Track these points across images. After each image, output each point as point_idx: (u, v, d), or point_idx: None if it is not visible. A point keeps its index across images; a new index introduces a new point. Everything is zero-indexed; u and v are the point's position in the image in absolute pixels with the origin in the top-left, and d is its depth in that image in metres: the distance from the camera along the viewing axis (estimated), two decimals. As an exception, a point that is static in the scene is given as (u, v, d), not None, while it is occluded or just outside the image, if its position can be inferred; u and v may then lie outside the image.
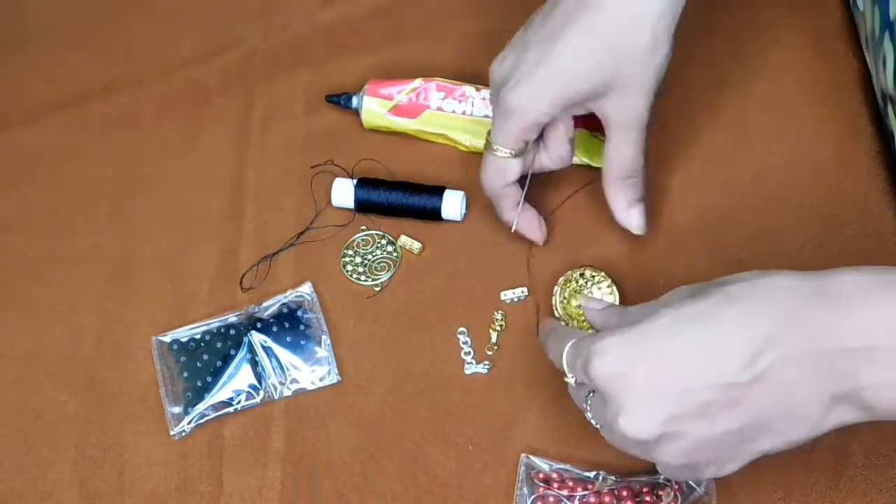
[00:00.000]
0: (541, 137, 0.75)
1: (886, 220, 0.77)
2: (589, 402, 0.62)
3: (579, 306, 0.74)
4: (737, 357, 0.56)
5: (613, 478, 0.68)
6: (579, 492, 0.68)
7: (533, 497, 0.69)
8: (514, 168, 0.74)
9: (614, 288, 0.75)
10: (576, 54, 0.70)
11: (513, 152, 0.73)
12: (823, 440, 0.61)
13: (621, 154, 0.73)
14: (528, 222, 0.77)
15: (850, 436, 0.68)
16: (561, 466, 0.69)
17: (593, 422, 0.62)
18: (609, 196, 0.75)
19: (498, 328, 0.76)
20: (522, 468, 0.69)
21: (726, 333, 0.57)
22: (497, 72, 0.73)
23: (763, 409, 0.56)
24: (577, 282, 0.76)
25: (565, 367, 0.63)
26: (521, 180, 0.75)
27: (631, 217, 0.75)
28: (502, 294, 0.77)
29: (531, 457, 0.70)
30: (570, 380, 0.63)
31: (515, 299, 0.77)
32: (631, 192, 0.75)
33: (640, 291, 0.76)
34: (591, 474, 0.69)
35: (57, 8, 0.98)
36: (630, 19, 0.68)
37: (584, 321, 0.74)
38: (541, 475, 0.69)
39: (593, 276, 0.76)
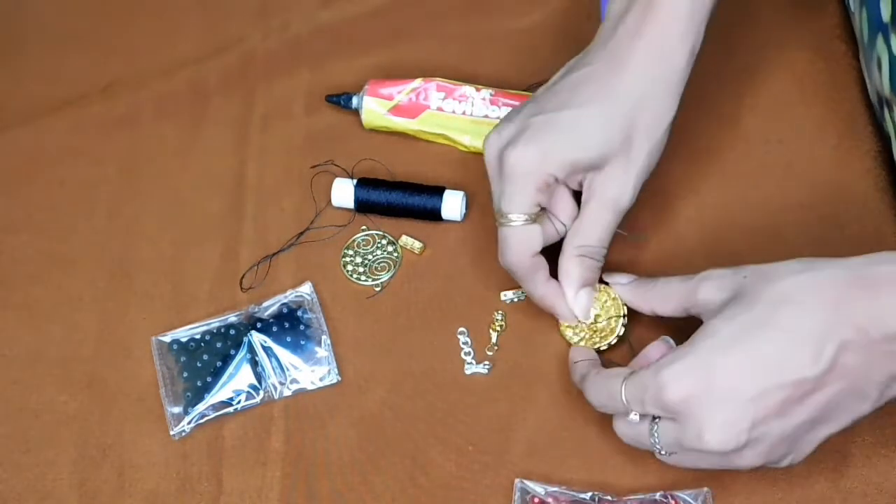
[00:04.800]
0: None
1: (886, 220, 0.77)
2: (656, 432, 0.63)
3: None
4: (805, 353, 0.59)
5: (609, 497, 0.67)
6: (575, 513, 0.67)
7: None
8: (537, 234, 0.71)
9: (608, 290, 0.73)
10: (589, 118, 0.69)
11: (530, 217, 0.70)
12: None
13: (591, 233, 0.71)
14: (555, 295, 0.72)
15: (850, 436, 0.68)
16: (555, 489, 0.68)
17: (662, 450, 0.63)
18: (563, 271, 0.71)
19: (498, 328, 0.76)
20: (517, 494, 0.68)
21: (788, 333, 0.59)
22: (496, 140, 0.71)
23: (833, 395, 0.60)
24: None
25: (628, 404, 0.63)
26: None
27: (579, 300, 0.71)
28: (502, 294, 0.77)
29: (525, 481, 0.69)
30: (634, 416, 0.64)
31: (515, 299, 0.77)
32: (587, 273, 0.71)
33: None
34: (587, 495, 0.67)
35: (57, 8, 0.98)
36: (650, 86, 0.70)
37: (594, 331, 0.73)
38: (536, 500, 0.68)
39: None
